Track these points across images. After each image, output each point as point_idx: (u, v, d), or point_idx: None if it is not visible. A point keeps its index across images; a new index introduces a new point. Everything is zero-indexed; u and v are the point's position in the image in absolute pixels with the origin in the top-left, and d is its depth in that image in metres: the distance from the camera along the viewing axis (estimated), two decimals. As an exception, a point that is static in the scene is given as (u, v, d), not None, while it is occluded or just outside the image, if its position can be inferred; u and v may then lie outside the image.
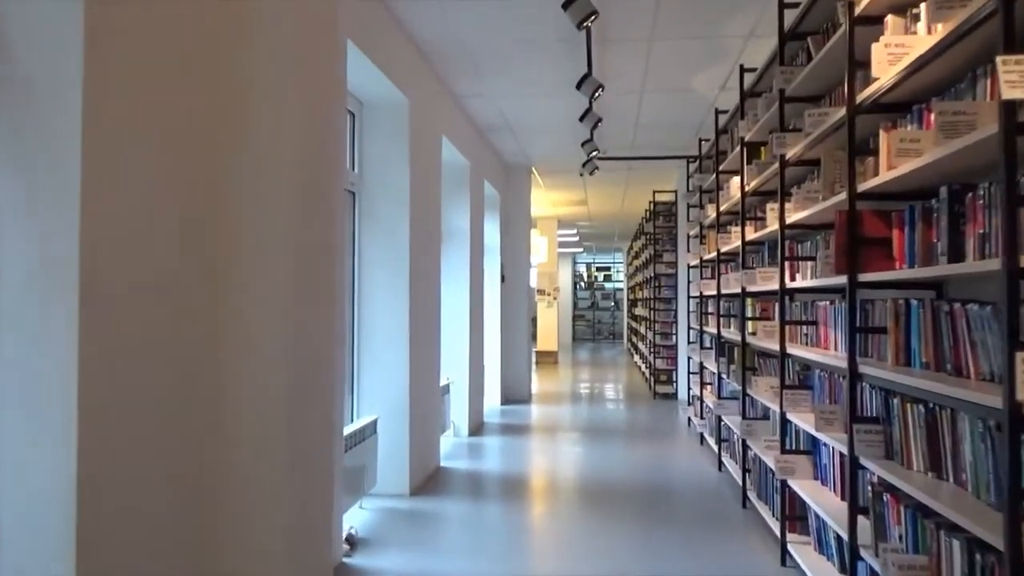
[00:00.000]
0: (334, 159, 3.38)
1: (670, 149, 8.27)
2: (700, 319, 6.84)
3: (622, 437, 7.13)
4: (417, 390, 5.09)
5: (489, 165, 8.33)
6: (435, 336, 5.75)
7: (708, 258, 6.43)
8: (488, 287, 8.92)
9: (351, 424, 4.45)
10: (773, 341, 4.00)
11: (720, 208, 5.64)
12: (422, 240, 5.26)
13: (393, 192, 4.90)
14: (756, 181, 4.38)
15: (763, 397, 4.11)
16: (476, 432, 7.25)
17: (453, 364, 7.02)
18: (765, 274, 4.18)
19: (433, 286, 5.68)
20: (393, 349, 4.87)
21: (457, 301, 7.04)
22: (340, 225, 3.64)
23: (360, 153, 4.90)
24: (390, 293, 4.88)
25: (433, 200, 5.65)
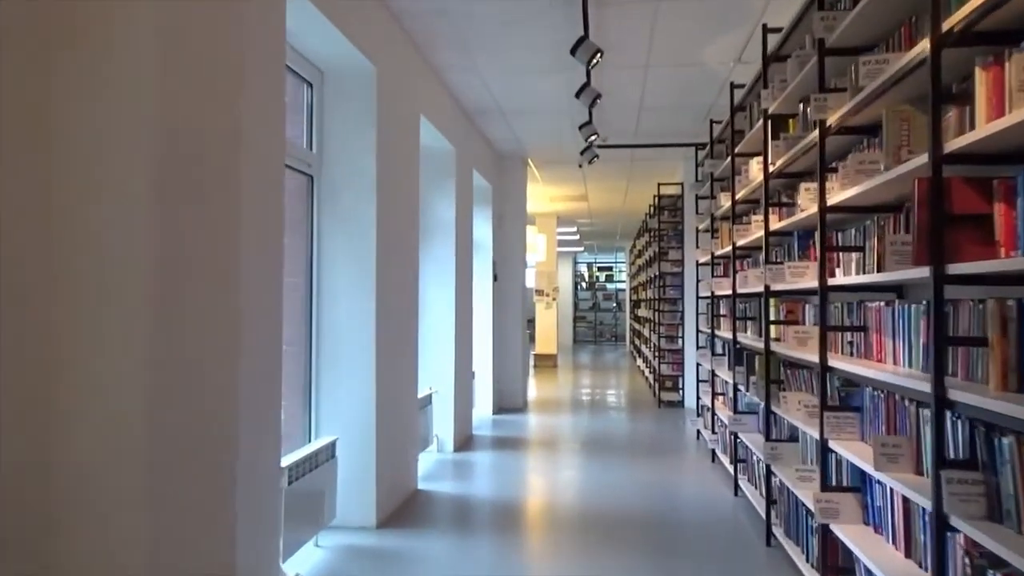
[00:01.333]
0: (251, 133, 2.70)
1: (677, 135, 7.57)
2: (711, 322, 6.15)
3: (625, 452, 6.44)
4: (387, 404, 4.40)
5: (479, 153, 7.64)
6: (412, 341, 5.06)
7: (721, 254, 5.73)
8: (479, 287, 8.23)
9: (306, 446, 3.76)
10: (808, 350, 3.31)
11: (736, 196, 4.94)
12: (394, 232, 4.57)
13: (358, 176, 4.21)
14: (783, 159, 3.69)
15: (794, 417, 3.40)
16: (463, 447, 6.55)
17: (437, 372, 6.33)
18: (796, 269, 3.48)
19: (409, 285, 4.99)
20: (357, 358, 4.17)
21: (441, 302, 6.34)
22: (276, 211, 2.95)
23: (319, 130, 4.21)
24: (354, 293, 4.19)
25: (409, 188, 4.96)
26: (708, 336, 6.61)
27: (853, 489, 2.91)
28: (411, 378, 5.03)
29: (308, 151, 4.14)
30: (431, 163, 6.34)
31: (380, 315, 4.25)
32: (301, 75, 4.08)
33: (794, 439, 3.93)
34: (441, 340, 6.33)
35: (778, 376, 4.02)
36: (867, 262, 2.85)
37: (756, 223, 4.31)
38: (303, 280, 4.20)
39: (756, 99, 4.56)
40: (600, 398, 10.25)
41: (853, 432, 2.89)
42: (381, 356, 4.27)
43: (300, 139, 4.17)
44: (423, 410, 5.80)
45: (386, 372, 4.38)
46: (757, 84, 4.49)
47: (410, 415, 4.98)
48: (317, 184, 4.20)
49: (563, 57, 4.73)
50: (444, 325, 6.33)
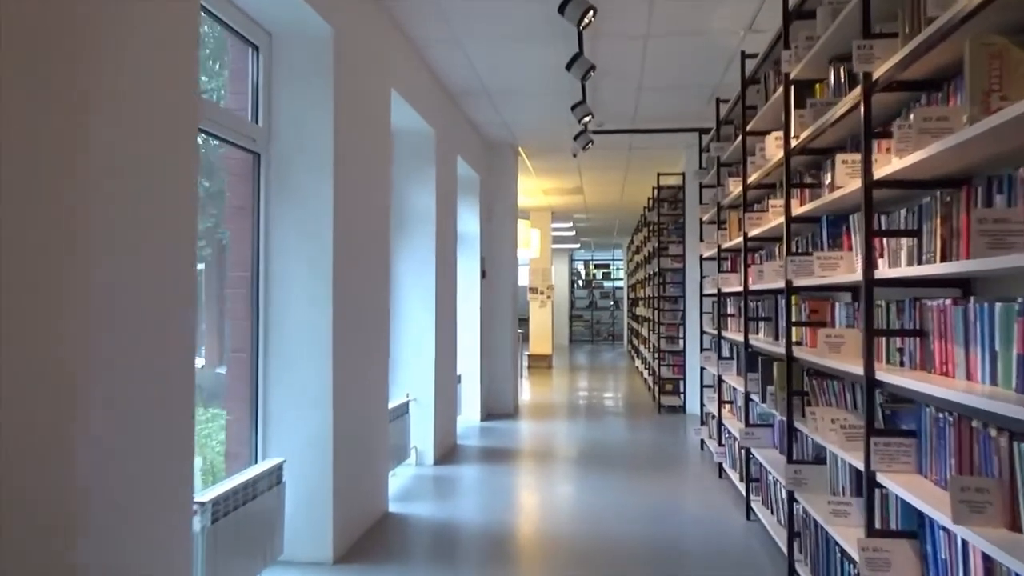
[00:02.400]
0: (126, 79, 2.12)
1: (679, 120, 6.98)
2: (717, 322, 5.57)
3: (624, 466, 5.85)
4: (348, 416, 3.82)
5: (464, 139, 7.05)
6: (382, 344, 4.48)
7: (729, 246, 5.15)
8: (465, 284, 7.65)
9: (242, 472, 3.17)
10: (843, 358, 2.73)
11: (748, 180, 4.35)
12: (359, 221, 3.98)
13: (313, 155, 3.62)
14: (809, 132, 3.10)
15: (827, 439, 2.82)
16: (445, 458, 5.97)
17: (416, 376, 5.74)
18: (827, 261, 2.90)
19: (378, 280, 4.40)
20: (312, 364, 3.59)
21: (420, 300, 5.76)
22: (187, 187, 2.36)
23: (267, 101, 3.62)
24: (308, 289, 3.60)
25: (378, 171, 4.37)
26: (713, 338, 6.03)
27: (908, 534, 2.33)
28: (380, 385, 4.44)
29: (254, 125, 3.56)
30: (408, 147, 5.75)
31: (339, 315, 3.67)
32: (245, 37, 3.49)
33: (821, 460, 3.35)
34: (420, 342, 5.74)
35: (801, 387, 3.44)
36: (925, 249, 2.27)
37: (774, 209, 3.73)
38: (249, 275, 3.62)
39: (773, 68, 3.98)
40: (597, 402, 9.67)
41: (908, 462, 2.31)
42: (341, 361, 3.69)
43: (244, 110, 3.58)
44: (398, 420, 5.22)
45: (348, 379, 3.80)
46: (774, 49, 3.91)
47: (379, 427, 4.39)
48: (265, 163, 3.62)
49: (552, 26, 4.15)
50: (423, 325, 5.74)
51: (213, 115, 3.14)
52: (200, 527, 2.64)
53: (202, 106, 2.89)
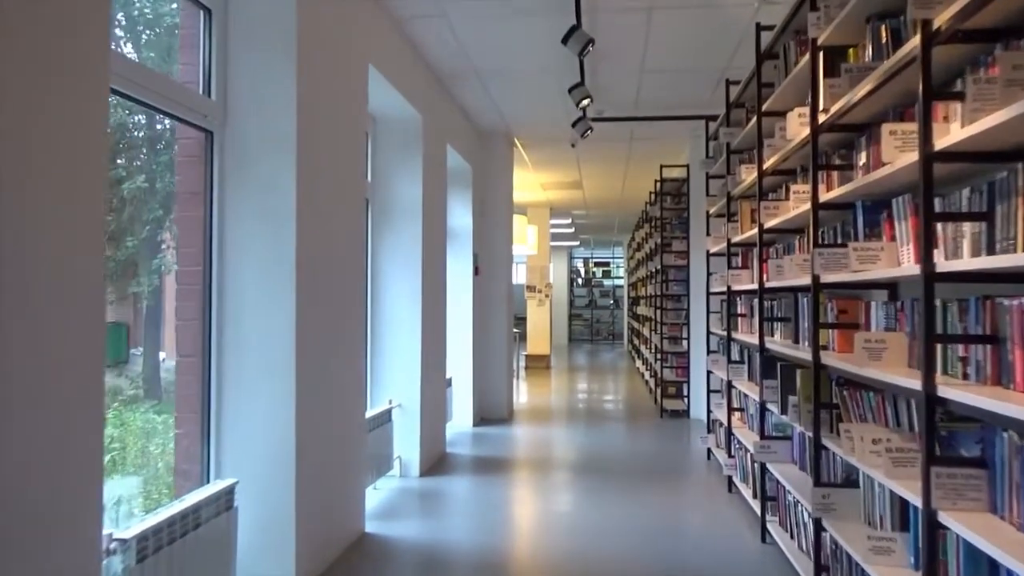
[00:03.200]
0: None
1: (684, 107, 6.55)
2: (727, 323, 5.14)
3: (626, 477, 5.42)
4: (316, 428, 3.39)
5: (455, 127, 6.62)
6: (356, 347, 4.04)
7: (740, 240, 4.72)
8: (456, 281, 7.22)
9: (184, 498, 2.74)
10: (886, 367, 2.31)
11: (764, 166, 3.92)
12: (327, 211, 3.55)
13: (274, 135, 3.19)
14: (841, 103, 2.68)
15: (867, 463, 2.39)
16: (433, 469, 5.54)
17: (401, 381, 5.31)
18: (866, 252, 2.47)
19: (353, 277, 3.97)
20: (271, 371, 3.16)
21: (404, 299, 5.32)
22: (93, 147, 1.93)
23: (222, 72, 3.19)
24: (267, 288, 3.17)
25: (352, 156, 3.94)
26: (722, 339, 5.61)
27: (977, 586, 1.90)
28: (356, 391, 4.01)
29: (205, 99, 3.12)
30: (392, 133, 5.32)
31: (304, 315, 3.23)
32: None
33: (852, 483, 2.92)
34: (405, 343, 5.31)
35: (830, 398, 3.01)
36: (1000, 236, 1.84)
37: (797, 195, 3.29)
38: (201, 269, 3.18)
39: (794, 37, 3.54)
40: (596, 405, 9.24)
41: (978, 499, 1.88)
42: (307, 367, 3.26)
43: (195, 82, 3.15)
44: (379, 429, 4.79)
45: (315, 386, 3.37)
46: (796, 16, 3.47)
47: (354, 438, 3.96)
48: (219, 143, 3.18)
49: None
50: (408, 325, 5.31)
51: (153, 84, 2.71)
52: (122, 567, 2.21)
53: (122, 64, 2.46)
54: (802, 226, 3.59)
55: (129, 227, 3.67)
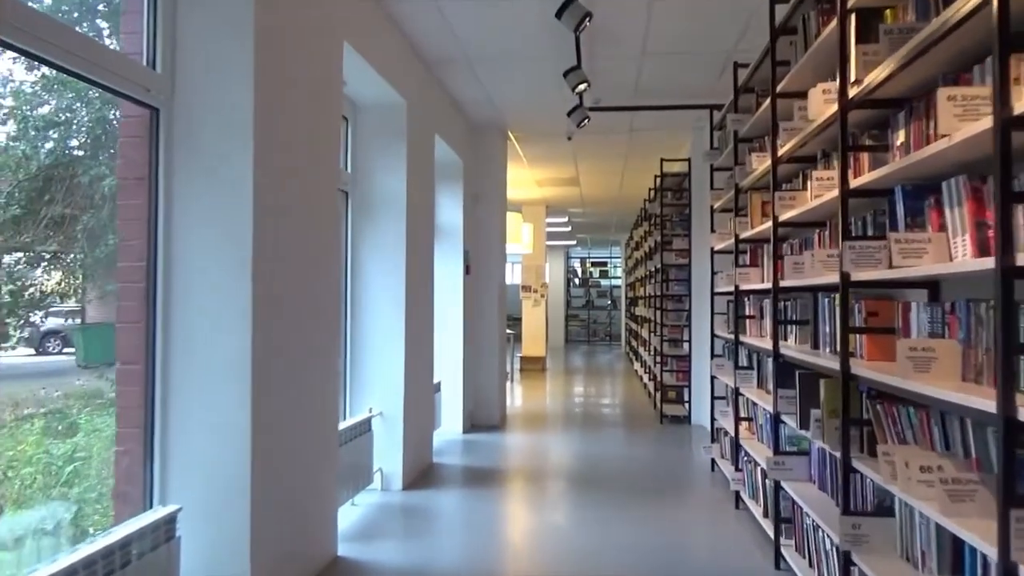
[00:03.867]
0: None
1: (687, 94, 6.17)
2: (733, 325, 4.77)
3: (625, 491, 5.05)
4: (275, 444, 3.01)
5: (444, 117, 6.24)
6: (330, 352, 3.66)
7: (750, 236, 4.35)
8: (446, 280, 6.85)
9: (112, 531, 2.36)
10: (938, 380, 1.94)
11: (779, 152, 3.55)
12: (292, 200, 3.17)
13: (227, 112, 2.81)
14: (880, 71, 2.30)
15: (914, 495, 2.01)
16: (417, 482, 5.16)
17: (383, 386, 4.93)
18: (910, 245, 2.10)
19: (325, 274, 3.58)
20: (223, 381, 2.78)
21: (388, 298, 4.94)
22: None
23: (168, 42, 2.80)
24: (219, 286, 2.79)
25: (323, 140, 3.56)
26: (727, 343, 5.24)
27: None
28: (327, 401, 3.62)
29: (150, 71, 2.74)
30: (375, 120, 4.94)
31: (263, 317, 2.85)
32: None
33: (886, 510, 2.55)
34: (387, 347, 4.92)
35: (860, 413, 2.64)
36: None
37: (820, 182, 2.91)
38: (145, 265, 2.80)
39: (815, 6, 3.17)
40: (593, 410, 8.86)
41: (1071, 550, 1.51)
42: (266, 375, 2.88)
43: (137, 52, 2.77)
44: (357, 440, 4.41)
45: (276, 397, 2.99)
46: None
47: (325, 453, 3.58)
48: (166, 121, 2.80)
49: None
50: (390, 328, 4.93)
51: (86, 52, 2.33)
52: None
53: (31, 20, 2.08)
54: (823, 218, 3.22)
55: (110, 224, 3.30)
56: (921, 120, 2.27)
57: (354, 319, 4.90)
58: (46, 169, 3.05)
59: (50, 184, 3.06)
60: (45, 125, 3.19)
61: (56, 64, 2.29)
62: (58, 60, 2.26)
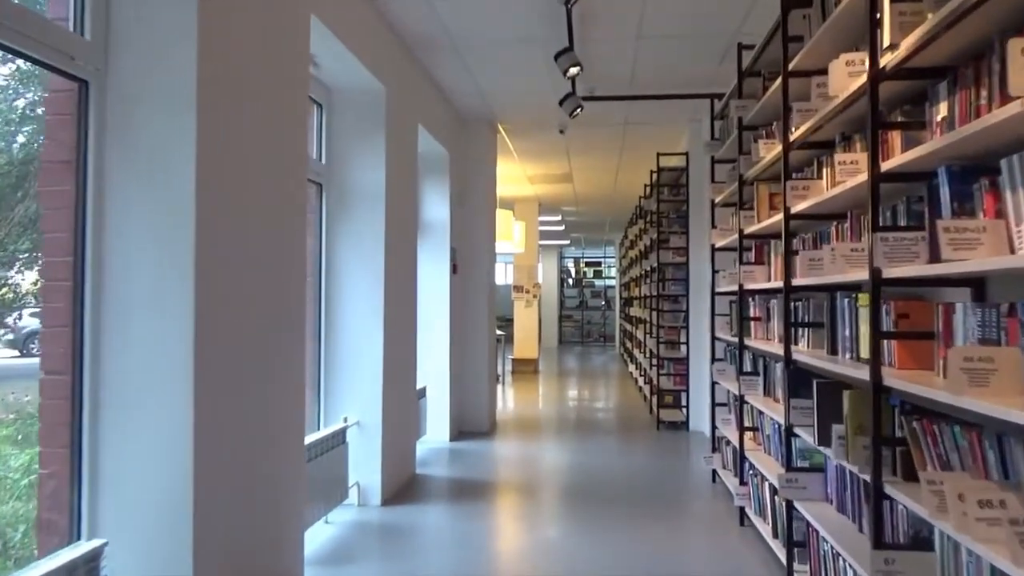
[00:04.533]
0: None
1: (685, 83, 5.84)
2: (737, 327, 4.43)
3: (620, 505, 4.71)
4: (222, 464, 2.66)
5: (428, 106, 5.89)
6: (293, 359, 3.31)
7: (757, 230, 4.01)
8: (431, 279, 6.51)
9: (29, 569, 2.00)
10: (998, 396, 1.60)
11: (792, 137, 3.21)
12: (246, 186, 2.82)
13: (167, 81, 2.45)
14: (921, 31, 1.97)
15: (970, 534, 1.67)
16: (398, 496, 4.81)
17: (360, 393, 4.57)
18: (961, 235, 1.77)
19: (287, 272, 3.23)
20: (164, 395, 2.42)
21: (364, 298, 4.59)
22: None
23: (104, 7, 2.45)
24: (157, 285, 2.44)
25: (285, 122, 3.20)
26: (730, 346, 4.91)
27: None
28: (291, 412, 3.27)
29: (76, 36, 2.39)
30: (350, 106, 4.59)
31: (210, 320, 2.50)
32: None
33: (923, 542, 2.21)
34: (364, 351, 4.57)
35: (892, 431, 2.30)
36: None
37: (845, 167, 2.56)
38: (72, 261, 2.45)
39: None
40: (587, 415, 8.52)
41: None
42: (212, 386, 2.52)
43: (65, 20, 2.41)
44: (329, 454, 4.06)
45: (226, 410, 2.64)
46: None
47: (288, 469, 3.22)
48: (97, 95, 2.44)
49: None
50: (368, 331, 4.57)
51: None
52: None
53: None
54: (842, 208, 2.89)
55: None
56: (968, 90, 1.93)
57: (329, 321, 4.55)
58: (19, 165, 2.72)
59: (23, 180, 2.72)
60: (20, 120, 2.86)
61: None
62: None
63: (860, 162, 2.48)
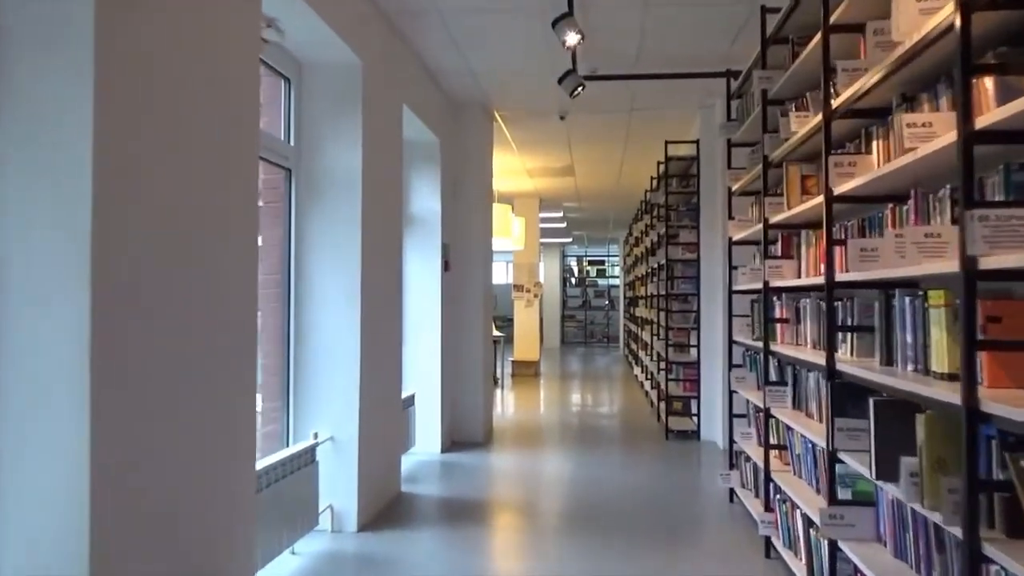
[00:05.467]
0: None
1: (698, 60, 5.30)
2: (761, 330, 3.91)
3: (627, 531, 4.19)
4: (134, 506, 2.13)
5: (415, 87, 5.38)
6: (244, 367, 2.78)
7: (784, 219, 3.49)
8: (420, 278, 6.00)
9: None
10: None
11: (837, 103, 2.68)
12: (172, 159, 2.29)
13: (52, 23, 1.93)
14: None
15: None
16: (378, 520, 4.29)
17: (333, 406, 4.05)
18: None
19: (240, 263, 2.70)
20: (53, 417, 1.90)
21: (339, 297, 4.06)
22: None
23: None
24: (50, 275, 1.92)
25: (234, 91, 2.68)
26: (750, 351, 4.39)
27: None
28: (242, 428, 2.74)
29: (-62, -35, 1.86)
30: (321, 82, 4.08)
31: (109, 317, 1.98)
32: None
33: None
34: (338, 356, 4.04)
35: (988, 471, 1.77)
36: None
37: (917, 129, 2.02)
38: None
39: None
40: (591, 421, 8.00)
41: None
42: (118, 402, 2.00)
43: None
44: (296, 474, 3.54)
45: (141, 432, 2.12)
46: None
47: (232, 498, 2.69)
48: (-32, 42, 1.92)
49: None
50: (342, 333, 4.05)
51: None
52: None
53: None
54: (905, 187, 2.35)
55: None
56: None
57: (299, 323, 4.03)
58: None
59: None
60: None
61: None
62: None
63: (937, 124, 1.96)
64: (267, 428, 4.01)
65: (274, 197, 4.06)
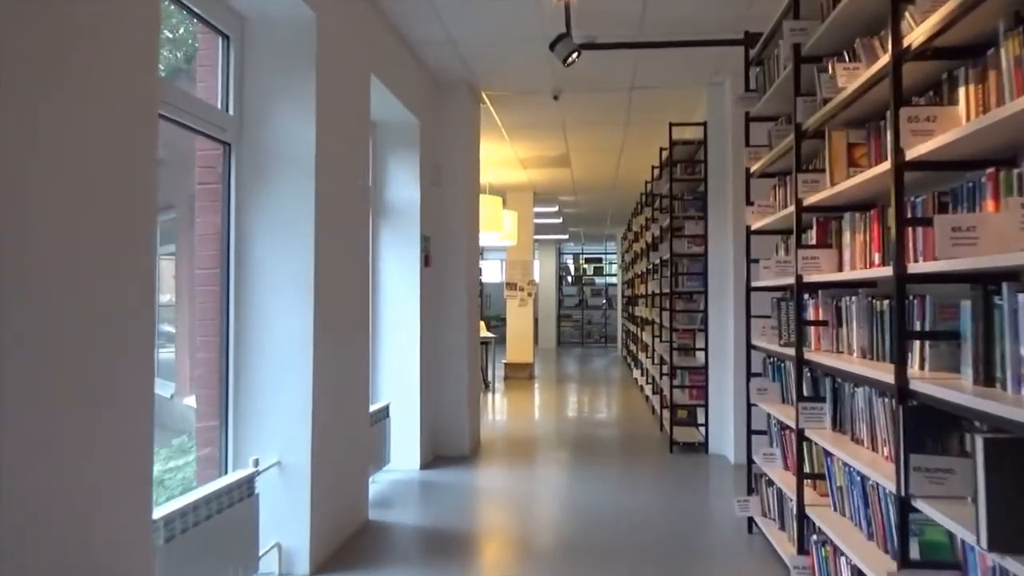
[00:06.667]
0: None
1: (709, 26, 4.66)
2: (795, 334, 3.28)
3: (632, 570, 3.55)
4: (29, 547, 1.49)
5: (387, 56, 4.73)
6: (140, 380, 2.14)
7: (823, 199, 2.85)
8: (395, 274, 5.36)
9: None
10: None
11: (910, 41, 2.05)
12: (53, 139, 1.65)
13: None
14: None
15: None
16: (337, 559, 3.64)
17: (280, 426, 3.40)
18: None
19: (126, 248, 2.06)
20: None
21: (286, 294, 3.41)
22: None
23: None
24: None
25: (128, 39, 2.03)
26: (773, 359, 3.77)
27: None
28: (135, 462, 2.10)
29: None
30: (266, 39, 3.44)
31: None
32: None
33: None
34: (287, 364, 3.40)
35: None
36: None
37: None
38: None
39: None
40: (588, 431, 7.36)
41: None
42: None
43: None
44: (227, 512, 2.89)
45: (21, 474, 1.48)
46: None
47: (122, 551, 2.05)
48: None
49: None
50: (292, 336, 3.40)
51: None
52: None
53: None
54: (1007, 149, 1.72)
55: None
56: None
57: (239, 327, 3.39)
58: None
59: None
60: None
61: None
62: None
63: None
64: (203, 452, 3.38)
65: (210, 177, 3.43)
